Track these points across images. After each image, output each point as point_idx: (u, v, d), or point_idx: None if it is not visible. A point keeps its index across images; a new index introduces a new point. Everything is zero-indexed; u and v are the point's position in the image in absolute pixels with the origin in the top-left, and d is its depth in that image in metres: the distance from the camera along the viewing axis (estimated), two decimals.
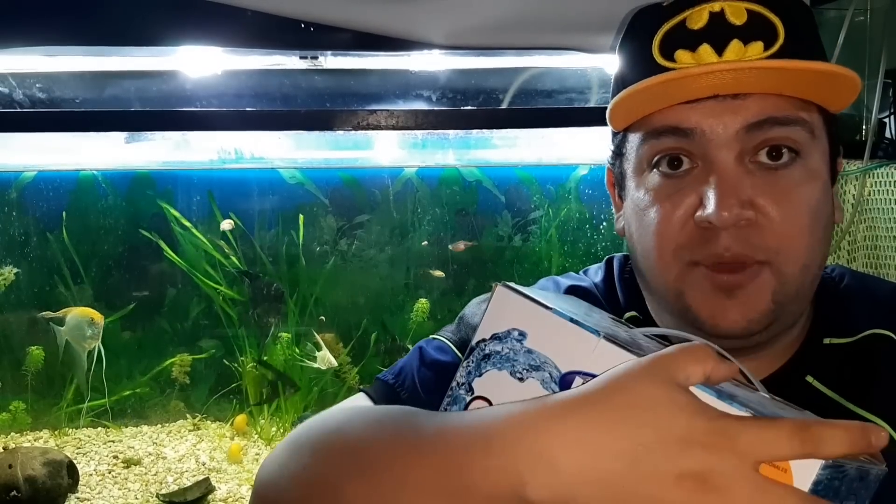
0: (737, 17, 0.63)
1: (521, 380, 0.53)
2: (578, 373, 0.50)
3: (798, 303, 0.66)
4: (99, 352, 2.05)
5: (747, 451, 0.41)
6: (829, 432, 0.41)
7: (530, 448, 0.44)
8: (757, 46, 0.62)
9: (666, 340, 0.58)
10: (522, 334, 0.54)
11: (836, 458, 0.41)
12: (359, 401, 0.74)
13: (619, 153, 0.72)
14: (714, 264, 0.62)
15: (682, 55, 0.63)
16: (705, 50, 0.62)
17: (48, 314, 2.09)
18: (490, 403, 0.55)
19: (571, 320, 0.51)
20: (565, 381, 0.51)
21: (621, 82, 0.68)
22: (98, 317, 2.05)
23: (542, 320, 0.53)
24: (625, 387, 0.44)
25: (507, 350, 0.54)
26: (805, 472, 0.41)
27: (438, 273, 2.30)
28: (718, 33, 0.62)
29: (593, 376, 0.49)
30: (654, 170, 0.66)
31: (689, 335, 0.59)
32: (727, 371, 0.45)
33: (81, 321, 2.03)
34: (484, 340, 0.55)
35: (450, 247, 2.30)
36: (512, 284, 0.56)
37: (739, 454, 0.41)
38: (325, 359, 2.13)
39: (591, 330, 0.50)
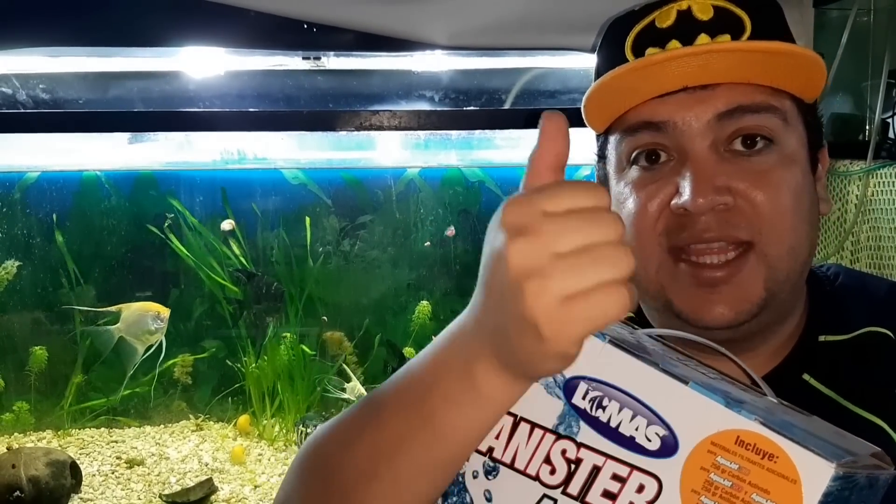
0: (704, 14, 0.64)
1: None
2: (583, 378, 0.49)
3: (788, 291, 0.65)
4: (161, 345, 2.04)
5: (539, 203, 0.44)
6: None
7: (469, 364, 0.49)
8: (724, 38, 0.63)
9: (670, 341, 0.58)
10: None
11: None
12: None
13: (601, 156, 0.73)
14: (696, 255, 0.63)
15: (651, 52, 0.65)
16: (673, 45, 0.64)
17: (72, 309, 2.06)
18: None
19: None
20: (569, 386, 0.50)
21: None
22: (164, 310, 2.02)
23: None
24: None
25: None
26: (815, 485, 0.41)
27: None
28: (686, 29, 0.64)
29: (598, 381, 0.49)
30: (633, 165, 0.67)
31: (694, 336, 0.59)
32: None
33: (144, 316, 2.00)
34: None
35: (446, 233, 2.31)
36: None
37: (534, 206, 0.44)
38: (356, 389, 2.13)
39: (595, 333, 0.49)
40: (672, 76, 0.62)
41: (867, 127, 1.55)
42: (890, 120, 1.49)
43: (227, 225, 2.21)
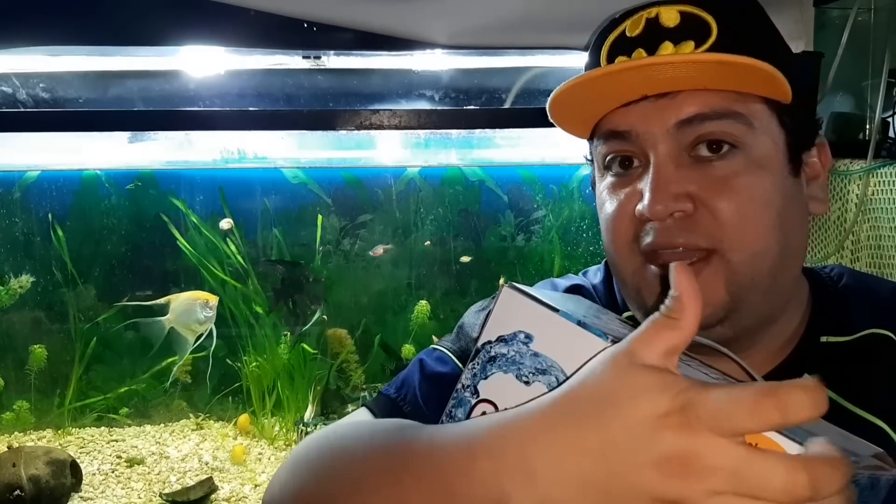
0: (670, 21, 0.64)
1: (527, 383, 0.52)
2: None
3: (759, 294, 0.65)
4: (211, 333, 2.03)
5: (713, 425, 0.38)
6: (793, 396, 0.39)
7: (509, 459, 0.44)
8: (688, 46, 0.63)
9: None
10: (529, 337, 0.53)
11: (800, 422, 0.39)
12: (361, 416, 0.75)
13: (590, 160, 0.74)
14: (663, 258, 0.63)
15: (620, 60, 0.65)
16: (639, 54, 0.64)
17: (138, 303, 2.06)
18: (495, 407, 0.54)
19: (579, 323, 0.50)
20: None
21: None
22: (213, 298, 2.02)
23: (549, 323, 0.52)
24: (593, 382, 0.43)
25: (514, 353, 0.53)
26: None
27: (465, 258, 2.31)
28: (652, 37, 0.64)
29: None
30: (609, 170, 0.68)
31: (700, 339, 0.59)
32: (690, 331, 0.42)
33: (193, 305, 2.00)
34: (490, 342, 0.54)
35: (370, 252, 2.29)
36: (519, 285, 0.55)
37: (707, 428, 0.38)
38: (309, 412, 2.16)
39: (598, 333, 0.49)
40: (630, 85, 0.63)
41: (867, 126, 1.55)
42: (890, 119, 1.49)
43: (225, 224, 2.21)
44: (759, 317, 0.67)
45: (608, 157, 0.67)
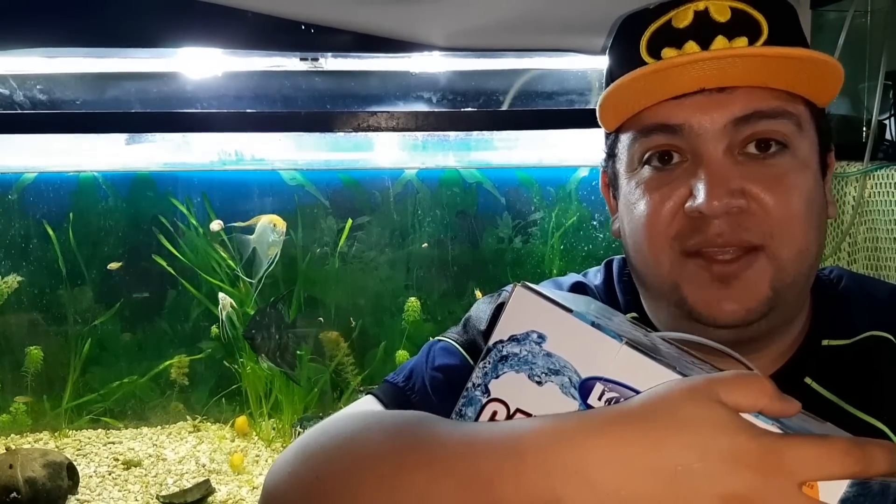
0: (721, 15, 0.64)
1: (539, 383, 0.52)
2: (599, 379, 0.49)
3: (795, 293, 0.65)
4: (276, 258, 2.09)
5: (795, 471, 0.40)
6: (878, 452, 0.41)
7: (566, 462, 0.43)
8: (741, 41, 0.63)
9: (684, 345, 0.58)
10: (542, 337, 0.52)
11: (879, 475, 0.41)
12: (367, 404, 0.73)
13: (611, 154, 0.73)
14: (708, 254, 0.63)
15: (668, 52, 0.64)
16: (690, 46, 0.63)
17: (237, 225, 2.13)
18: (507, 406, 0.53)
19: (593, 324, 0.50)
20: (585, 387, 0.50)
21: (610, 82, 0.68)
22: (280, 223, 2.06)
23: (562, 323, 0.51)
24: (668, 405, 0.43)
25: (526, 352, 0.53)
26: (832, 489, 0.41)
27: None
28: (703, 30, 0.63)
29: (615, 383, 0.49)
30: (646, 165, 0.67)
31: (704, 340, 0.59)
32: (781, 406, 0.43)
33: (267, 227, 2.04)
34: (501, 341, 0.54)
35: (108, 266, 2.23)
36: (531, 284, 0.54)
37: (786, 474, 0.40)
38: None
39: (612, 335, 0.49)
40: (689, 78, 0.62)
41: (864, 129, 1.55)
42: (887, 121, 1.49)
43: (215, 226, 2.20)
44: (788, 316, 0.67)
45: (648, 153, 0.66)
